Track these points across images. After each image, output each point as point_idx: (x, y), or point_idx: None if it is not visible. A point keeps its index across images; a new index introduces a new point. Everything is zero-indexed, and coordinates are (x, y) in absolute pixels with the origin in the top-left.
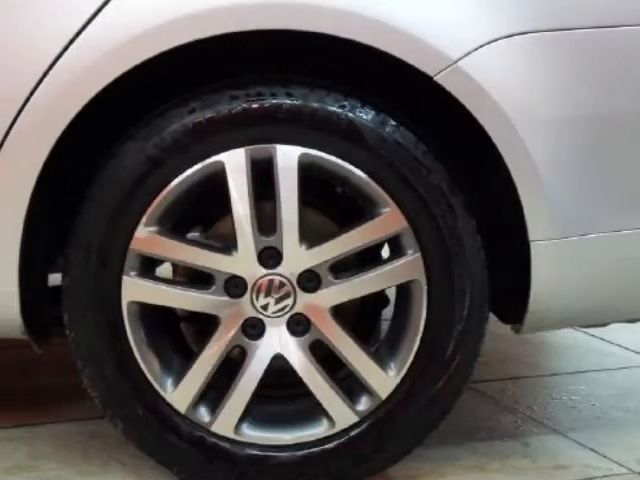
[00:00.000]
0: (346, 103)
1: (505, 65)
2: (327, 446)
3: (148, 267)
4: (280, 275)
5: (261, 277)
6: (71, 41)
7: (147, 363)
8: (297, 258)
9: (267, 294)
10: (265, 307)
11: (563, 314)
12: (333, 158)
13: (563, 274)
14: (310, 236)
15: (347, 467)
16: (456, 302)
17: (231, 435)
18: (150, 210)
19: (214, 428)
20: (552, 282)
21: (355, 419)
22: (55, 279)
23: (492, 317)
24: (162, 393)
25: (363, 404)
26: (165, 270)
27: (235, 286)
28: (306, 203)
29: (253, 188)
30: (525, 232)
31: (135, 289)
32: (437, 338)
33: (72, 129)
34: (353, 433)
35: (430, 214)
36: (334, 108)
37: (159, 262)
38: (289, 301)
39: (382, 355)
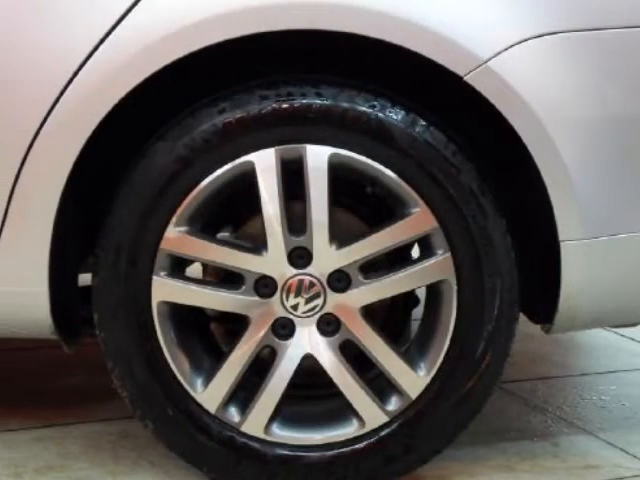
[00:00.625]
0: (376, 103)
1: (535, 65)
2: (357, 446)
3: (178, 267)
4: (310, 275)
5: (291, 277)
6: (101, 41)
7: (177, 363)
8: (327, 258)
9: (297, 294)
10: (295, 307)
11: (593, 314)
12: (363, 158)
13: (593, 274)
14: (340, 236)
15: (377, 467)
16: (486, 302)
17: (261, 435)
18: (180, 210)
19: (244, 428)
20: (582, 282)
21: (385, 419)
22: (85, 279)
23: (522, 317)
24: (192, 393)
25: (393, 404)
26: (195, 270)
27: (265, 286)
28: (336, 203)
29: (283, 188)
30: (555, 232)
31: (165, 289)
32: (467, 338)
33: (102, 128)
34: (383, 433)
35: (460, 214)
36: (364, 108)
37: (189, 262)
38: (319, 301)
39: (412, 355)
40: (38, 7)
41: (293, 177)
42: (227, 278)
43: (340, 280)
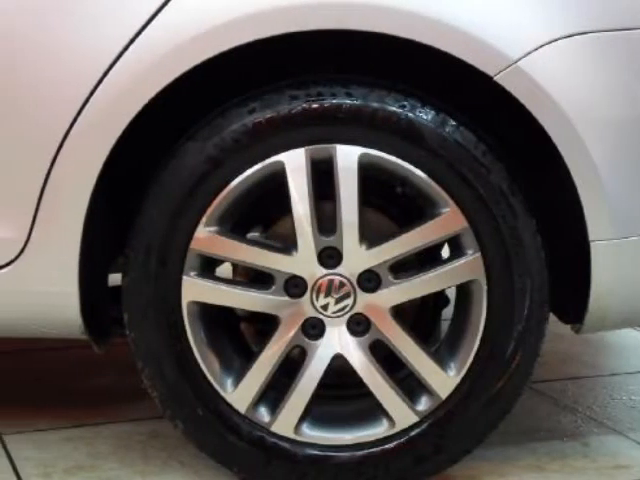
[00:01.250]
0: (406, 103)
1: (565, 65)
2: (387, 446)
3: (208, 267)
4: (340, 275)
5: (321, 277)
6: (131, 41)
7: (207, 363)
8: (357, 258)
9: (327, 294)
10: (325, 307)
11: (623, 314)
12: (393, 158)
13: (623, 274)
14: (370, 236)
15: (407, 467)
16: (516, 302)
17: (291, 435)
18: (210, 210)
19: (274, 428)
20: (612, 282)
21: (415, 419)
22: (115, 279)
23: (552, 317)
24: (222, 393)
25: (423, 404)
26: (225, 270)
27: (295, 286)
28: (366, 203)
29: (313, 188)
30: (585, 232)
31: (195, 289)
32: (497, 338)
33: (132, 128)
34: (413, 433)
35: (490, 214)
36: (394, 108)
37: (219, 262)
38: (349, 301)
39: (442, 355)
40: (68, 7)
41: (323, 177)
42: (257, 278)
43: (370, 280)
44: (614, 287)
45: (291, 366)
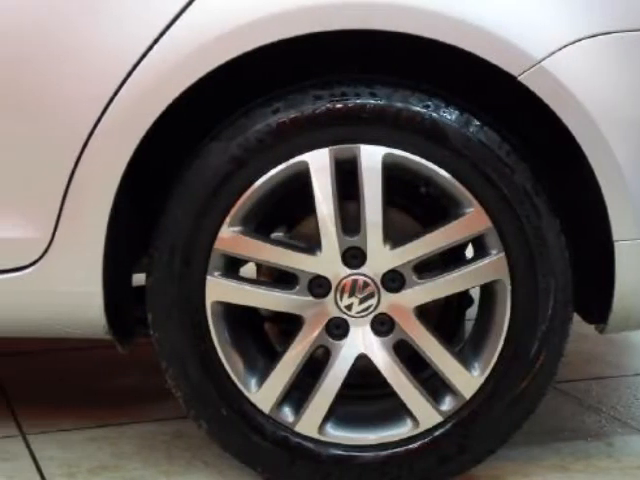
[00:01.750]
0: (430, 103)
1: (589, 65)
2: (411, 446)
3: (232, 267)
4: (364, 275)
5: (345, 277)
6: (155, 41)
7: (231, 363)
8: (381, 258)
9: (351, 294)
10: (349, 307)
11: None
12: (417, 158)
13: None
14: (394, 236)
15: (431, 467)
16: (540, 302)
17: (315, 435)
18: (234, 210)
19: (298, 428)
20: (636, 282)
21: (439, 419)
22: (139, 279)
23: (576, 317)
24: (246, 393)
25: (447, 404)
26: (249, 270)
27: (319, 286)
28: (390, 203)
29: (337, 188)
30: (609, 232)
31: (219, 289)
32: (521, 338)
33: (156, 128)
34: (437, 433)
35: (514, 214)
36: (418, 108)
37: (243, 262)
38: (373, 301)
39: (466, 355)
40: (92, 8)
41: (347, 177)
42: (281, 278)
43: (394, 280)
44: (638, 287)
45: (315, 366)
